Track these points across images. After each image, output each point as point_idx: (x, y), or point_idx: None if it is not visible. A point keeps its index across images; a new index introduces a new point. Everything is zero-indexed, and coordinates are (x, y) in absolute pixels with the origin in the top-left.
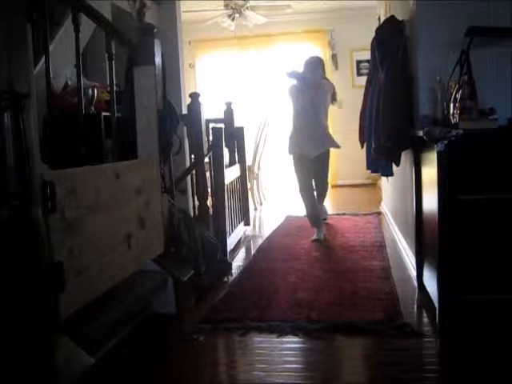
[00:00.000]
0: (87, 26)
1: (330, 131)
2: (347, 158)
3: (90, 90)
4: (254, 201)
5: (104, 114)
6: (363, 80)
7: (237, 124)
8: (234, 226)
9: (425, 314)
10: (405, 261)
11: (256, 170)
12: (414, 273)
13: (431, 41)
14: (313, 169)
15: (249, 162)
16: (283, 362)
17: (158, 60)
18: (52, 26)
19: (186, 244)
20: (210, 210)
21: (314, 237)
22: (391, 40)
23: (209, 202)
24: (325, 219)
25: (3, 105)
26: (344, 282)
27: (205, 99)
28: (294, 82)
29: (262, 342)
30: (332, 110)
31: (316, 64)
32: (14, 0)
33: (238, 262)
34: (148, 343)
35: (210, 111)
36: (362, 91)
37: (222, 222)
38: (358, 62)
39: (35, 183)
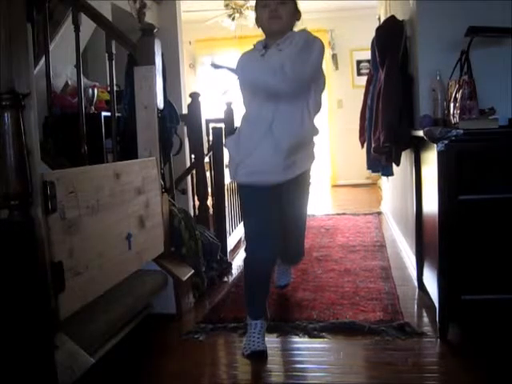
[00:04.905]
0: (87, 25)
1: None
2: (347, 158)
3: (90, 90)
4: None
5: (104, 113)
6: (363, 80)
7: (237, 124)
8: (234, 226)
9: (425, 314)
10: (405, 261)
11: None
12: (414, 273)
13: (431, 41)
14: (279, 201)
15: None
16: (283, 362)
17: (158, 60)
18: (52, 25)
19: (186, 244)
20: (210, 210)
21: (246, 347)
22: (391, 40)
23: (209, 202)
24: (284, 286)
25: (4, 104)
26: (344, 282)
27: (205, 99)
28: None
29: None
30: (332, 110)
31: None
32: (14, 0)
33: (238, 261)
34: (148, 343)
35: (210, 111)
36: (362, 91)
37: (222, 221)
38: (358, 62)
39: (35, 183)
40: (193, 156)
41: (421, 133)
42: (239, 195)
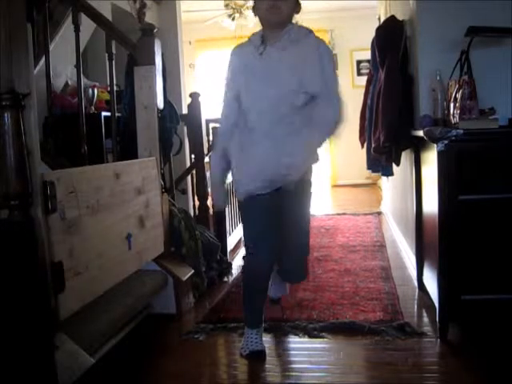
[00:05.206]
0: (87, 25)
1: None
2: (347, 157)
3: (90, 90)
4: None
5: (104, 113)
6: (363, 80)
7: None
8: (234, 226)
9: (425, 314)
10: (405, 261)
11: None
12: (414, 273)
13: (431, 41)
14: (280, 202)
15: None
16: (283, 362)
17: (158, 60)
18: (52, 25)
19: (186, 244)
20: (210, 210)
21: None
22: (391, 40)
23: (209, 202)
24: (277, 300)
25: (4, 104)
26: (344, 282)
27: (205, 99)
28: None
29: None
30: None
31: None
32: (14, 0)
33: (237, 261)
34: (148, 343)
35: (210, 111)
36: (362, 91)
37: (222, 221)
38: (358, 62)
39: (35, 183)
40: (193, 156)
41: (421, 133)
42: (238, 200)
